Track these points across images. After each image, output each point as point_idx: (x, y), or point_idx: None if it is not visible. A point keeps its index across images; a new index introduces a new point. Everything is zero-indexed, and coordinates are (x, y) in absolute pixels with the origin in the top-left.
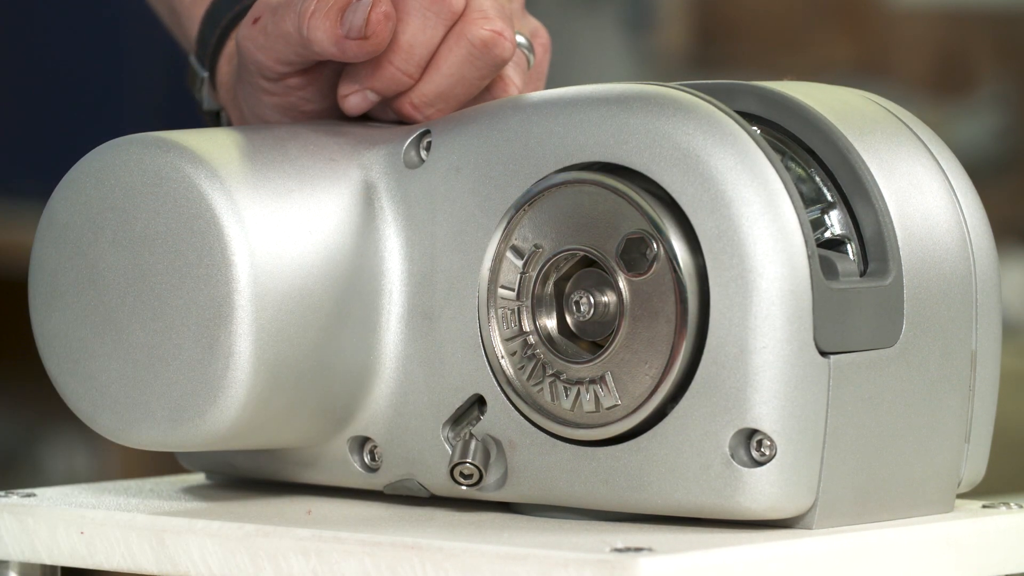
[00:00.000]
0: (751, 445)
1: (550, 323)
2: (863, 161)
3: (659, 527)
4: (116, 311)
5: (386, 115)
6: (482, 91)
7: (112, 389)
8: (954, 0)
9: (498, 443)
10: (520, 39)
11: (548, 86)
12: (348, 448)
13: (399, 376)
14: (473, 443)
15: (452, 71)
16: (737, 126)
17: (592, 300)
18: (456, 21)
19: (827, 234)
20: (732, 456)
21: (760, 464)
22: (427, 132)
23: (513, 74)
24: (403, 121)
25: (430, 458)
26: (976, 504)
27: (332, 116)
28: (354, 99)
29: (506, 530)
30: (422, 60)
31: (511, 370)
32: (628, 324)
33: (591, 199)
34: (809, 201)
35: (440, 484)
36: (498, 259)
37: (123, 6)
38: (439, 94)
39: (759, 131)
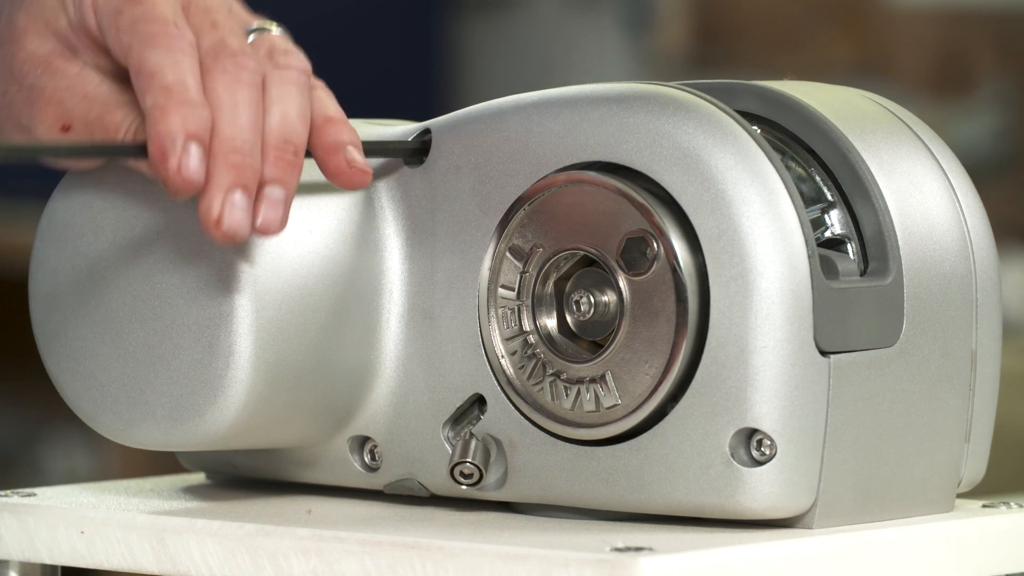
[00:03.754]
0: (751, 445)
1: (550, 323)
2: (863, 161)
3: (659, 527)
4: (116, 310)
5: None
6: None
7: (112, 389)
8: (954, 0)
9: (498, 443)
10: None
11: (548, 86)
12: (348, 448)
13: (399, 376)
14: (473, 443)
15: (230, 99)
16: (737, 126)
17: (592, 300)
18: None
19: (827, 234)
20: (732, 456)
21: (760, 464)
22: (427, 131)
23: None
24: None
25: (430, 458)
26: (976, 504)
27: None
28: (184, 161)
29: (506, 530)
30: (198, 84)
31: (511, 370)
32: (628, 324)
33: (591, 199)
34: (809, 201)
35: (440, 484)
36: (498, 259)
37: None
38: (239, 128)
39: (759, 131)
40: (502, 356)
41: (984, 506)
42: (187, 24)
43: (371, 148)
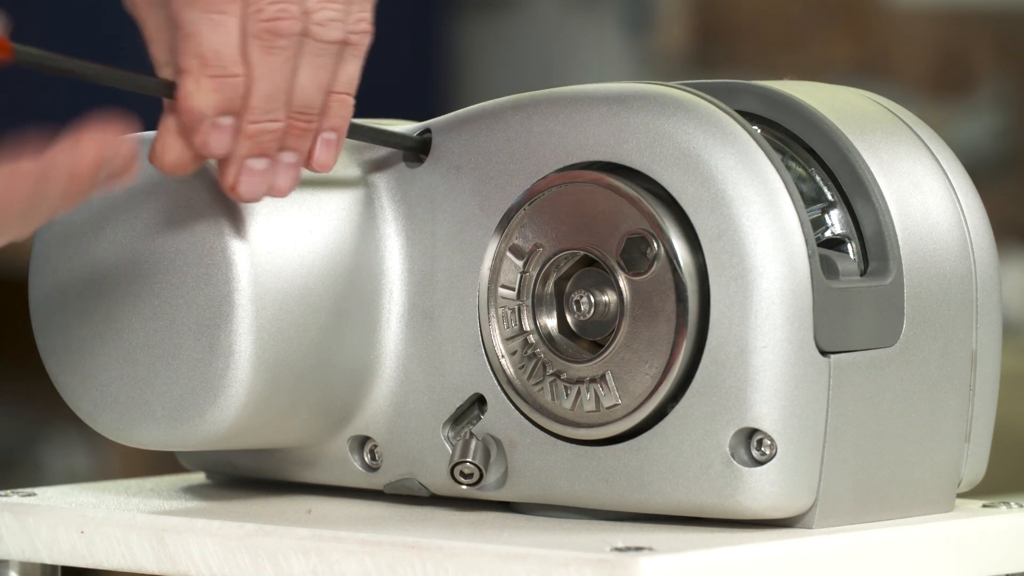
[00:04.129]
0: (751, 444)
1: (550, 322)
2: (863, 160)
3: (659, 527)
4: (116, 310)
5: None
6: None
7: (112, 388)
8: (954, 0)
9: (498, 442)
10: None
11: (548, 86)
12: (348, 447)
13: (399, 375)
14: (473, 442)
15: (261, 71)
16: (737, 125)
17: (592, 299)
18: (243, 9)
19: (827, 233)
20: (732, 455)
21: (760, 463)
22: (427, 131)
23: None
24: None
25: (430, 457)
26: (976, 504)
27: None
28: (213, 136)
29: (506, 529)
30: (233, 56)
31: (511, 369)
32: (628, 323)
33: (591, 198)
34: (809, 200)
35: (440, 483)
36: (498, 258)
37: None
38: (266, 98)
39: (759, 131)
40: (502, 356)
41: (984, 506)
42: None
43: (373, 136)
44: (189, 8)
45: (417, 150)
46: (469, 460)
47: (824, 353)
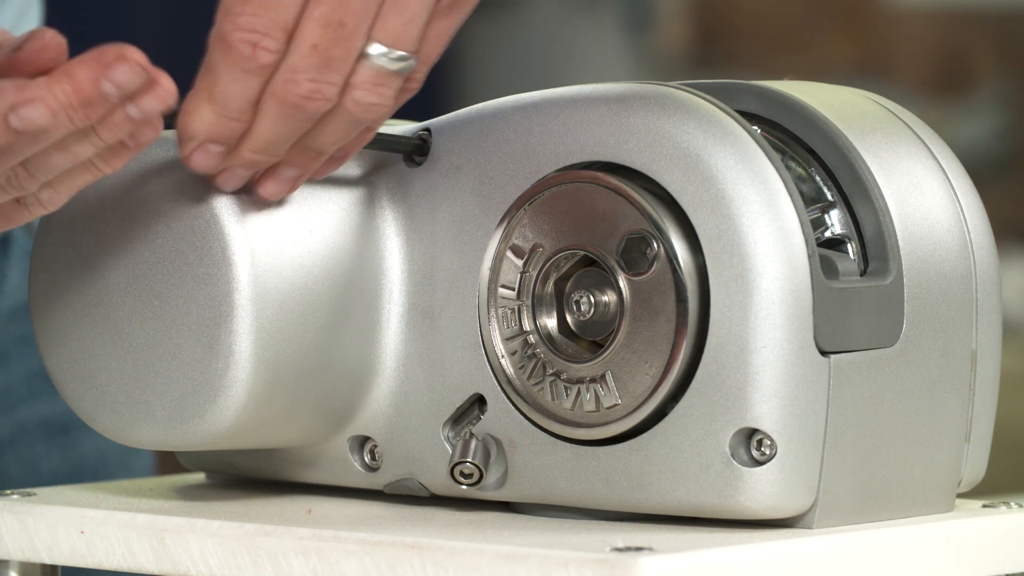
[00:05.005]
0: (751, 444)
1: (550, 322)
2: (863, 161)
3: (659, 527)
4: (116, 310)
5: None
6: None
7: (112, 388)
8: (954, 0)
9: (498, 442)
10: (398, 54)
11: (548, 86)
12: (348, 447)
13: (399, 375)
14: (473, 442)
15: (271, 126)
16: (737, 125)
17: (592, 299)
18: (272, 72)
19: (827, 233)
20: (732, 455)
21: (760, 464)
22: (427, 131)
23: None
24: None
25: (430, 457)
26: (976, 504)
27: None
28: (197, 155)
29: (506, 529)
30: (242, 107)
31: (511, 369)
32: (628, 323)
33: (591, 198)
34: (809, 200)
35: (440, 483)
36: (498, 258)
37: (124, 6)
38: (268, 142)
39: (759, 131)
40: (502, 356)
41: (984, 506)
42: (285, 36)
43: (372, 141)
44: (219, 51)
45: (416, 152)
46: (469, 460)
47: (824, 353)
